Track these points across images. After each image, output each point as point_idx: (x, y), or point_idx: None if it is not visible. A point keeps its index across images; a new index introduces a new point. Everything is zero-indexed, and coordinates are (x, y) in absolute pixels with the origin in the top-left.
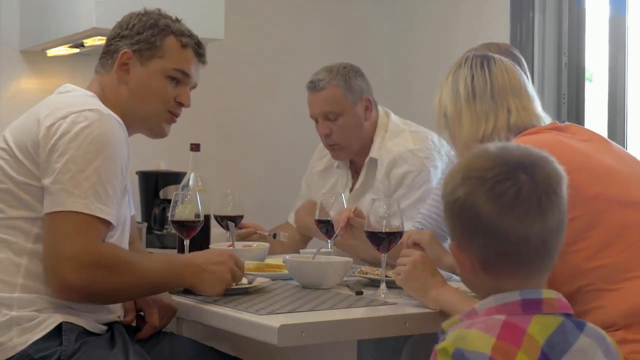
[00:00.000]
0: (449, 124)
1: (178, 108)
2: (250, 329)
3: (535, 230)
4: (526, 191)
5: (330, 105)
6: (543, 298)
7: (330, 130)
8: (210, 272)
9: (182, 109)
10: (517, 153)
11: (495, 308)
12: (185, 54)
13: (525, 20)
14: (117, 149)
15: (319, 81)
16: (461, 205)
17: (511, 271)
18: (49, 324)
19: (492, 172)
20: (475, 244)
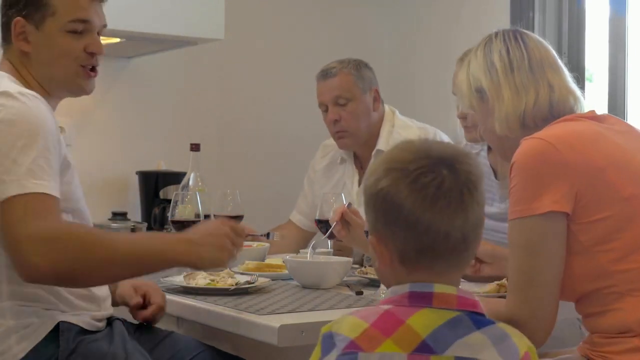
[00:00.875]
0: (484, 98)
1: (91, 58)
2: (250, 329)
3: (457, 224)
4: (448, 185)
5: (342, 90)
6: (434, 292)
7: (340, 116)
8: (206, 245)
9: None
10: (439, 148)
11: (387, 300)
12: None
13: (525, 20)
14: (39, 125)
15: (331, 69)
16: (384, 196)
17: (427, 265)
18: (46, 327)
19: (414, 165)
20: (395, 237)
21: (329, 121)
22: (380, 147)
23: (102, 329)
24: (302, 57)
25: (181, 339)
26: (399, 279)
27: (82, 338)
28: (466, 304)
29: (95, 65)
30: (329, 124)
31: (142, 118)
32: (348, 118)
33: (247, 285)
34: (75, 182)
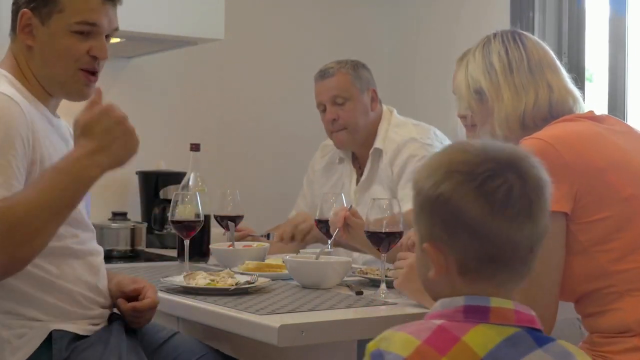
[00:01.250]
0: (483, 99)
1: (93, 62)
2: (250, 329)
3: (526, 233)
4: (517, 191)
5: (340, 90)
6: (491, 307)
7: (338, 115)
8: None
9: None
10: (504, 150)
11: (438, 313)
12: (86, 1)
13: (525, 20)
14: (10, 128)
15: (329, 69)
16: (446, 201)
17: (488, 276)
18: (40, 337)
19: (481, 168)
20: (456, 245)
21: (326, 121)
22: (377, 146)
23: (99, 331)
24: (302, 57)
25: (184, 341)
26: (454, 290)
27: (75, 345)
28: (524, 319)
29: (96, 70)
30: (326, 123)
31: (142, 118)
32: (346, 117)
33: (247, 285)
34: None
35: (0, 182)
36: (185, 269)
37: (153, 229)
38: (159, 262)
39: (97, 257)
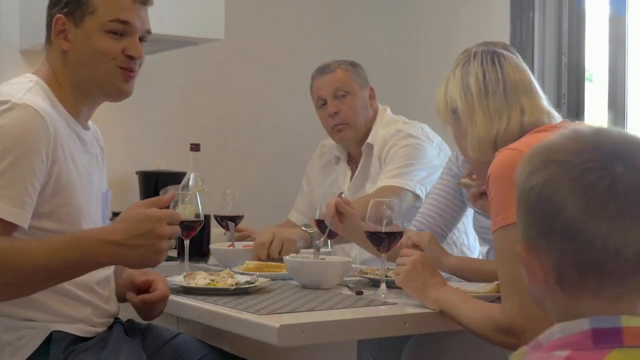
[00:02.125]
0: (458, 119)
1: (130, 62)
2: (250, 329)
3: (631, 238)
4: (623, 186)
5: (341, 83)
6: (623, 327)
7: (339, 108)
8: (133, 247)
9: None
10: (616, 138)
11: (559, 341)
12: (119, 1)
13: (525, 20)
14: (27, 144)
15: (329, 65)
16: (538, 195)
17: (594, 289)
18: (39, 339)
19: (581, 157)
20: (550, 248)
21: (327, 115)
22: (369, 141)
23: (100, 333)
24: (302, 57)
25: (186, 341)
26: (563, 307)
27: (73, 348)
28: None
29: (134, 69)
30: (326, 118)
31: (142, 118)
32: (347, 110)
33: (247, 285)
34: (75, 203)
35: (12, 197)
36: (185, 269)
37: None
38: None
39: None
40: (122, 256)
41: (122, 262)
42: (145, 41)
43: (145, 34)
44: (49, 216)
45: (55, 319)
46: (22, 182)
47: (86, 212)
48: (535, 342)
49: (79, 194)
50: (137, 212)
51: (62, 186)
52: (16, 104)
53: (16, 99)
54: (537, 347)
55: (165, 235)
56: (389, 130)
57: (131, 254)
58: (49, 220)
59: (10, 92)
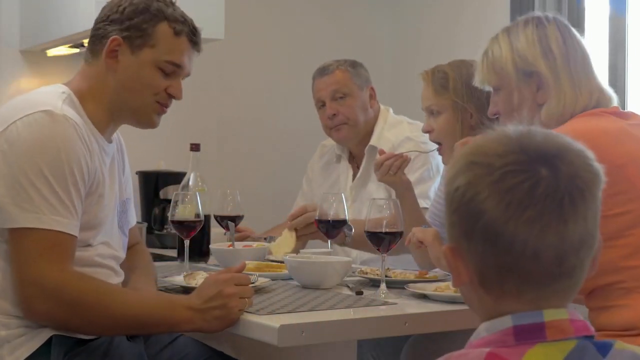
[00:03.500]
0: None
1: (168, 99)
2: (250, 329)
3: (549, 241)
4: (544, 189)
5: (339, 85)
6: (545, 322)
7: (338, 110)
8: (211, 309)
9: (176, 102)
10: (541, 140)
11: (484, 340)
12: (178, 43)
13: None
14: (70, 155)
15: (328, 66)
16: (461, 197)
17: (514, 292)
18: (40, 339)
19: (503, 160)
20: (472, 250)
21: (326, 116)
22: (372, 143)
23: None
24: (302, 57)
25: (188, 343)
26: (487, 308)
27: (74, 352)
28: (581, 328)
29: (168, 106)
30: (326, 120)
31: None
32: (346, 112)
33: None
34: (93, 212)
35: (73, 213)
36: (185, 269)
37: (153, 229)
38: (159, 262)
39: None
40: (200, 321)
41: (200, 326)
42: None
43: (185, 76)
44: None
45: None
46: (78, 195)
47: (103, 221)
48: (468, 343)
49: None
50: (208, 278)
51: (89, 196)
52: (58, 114)
53: (57, 110)
54: (468, 347)
55: (234, 294)
56: (397, 136)
57: (207, 317)
58: None
59: (48, 102)
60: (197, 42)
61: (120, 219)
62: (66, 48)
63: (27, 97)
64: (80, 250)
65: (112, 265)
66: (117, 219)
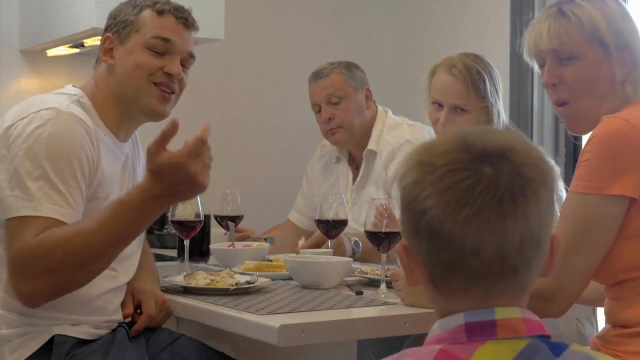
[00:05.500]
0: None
1: (167, 79)
2: (250, 329)
3: (487, 239)
4: (484, 187)
5: (334, 89)
6: (497, 319)
7: (333, 114)
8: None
9: (182, 92)
10: (492, 138)
11: (436, 337)
12: (162, 21)
13: (526, 20)
14: (72, 148)
15: (322, 70)
16: (408, 195)
17: (460, 289)
18: (42, 339)
19: (446, 159)
20: (419, 248)
21: (322, 121)
22: (371, 147)
23: (104, 336)
24: (302, 57)
25: (188, 344)
26: (440, 306)
27: (75, 352)
28: (534, 328)
29: (172, 90)
30: (322, 123)
31: None
32: (341, 116)
33: (247, 285)
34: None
35: (71, 203)
36: (185, 269)
37: (153, 229)
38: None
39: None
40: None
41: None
42: (186, 67)
43: (187, 57)
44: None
45: (58, 322)
46: (78, 188)
47: None
48: (425, 341)
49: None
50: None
51: (95, 194)
52: (63, 112)
53: (63, 108)
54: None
55: (197, 172)
56: (396, 139)
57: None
58: None
59: (56, 101)
60: (185, 18)
61: None
62: (66, 48)
63: (38, 97)
64: None
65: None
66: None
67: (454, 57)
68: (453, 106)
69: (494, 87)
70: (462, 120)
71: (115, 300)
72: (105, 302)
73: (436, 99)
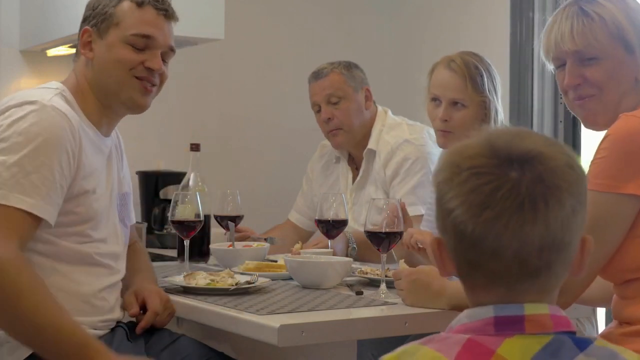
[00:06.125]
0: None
1: (148, 73)
2: (250, 329)
3: (506, 243)
4: (505, 192)
5: (334, 89)
6: (525, 315)
7: (333, 114)
8: None
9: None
10: (521, 143)
11: (464, 326)
12: (142, 14)
13: (526, 20)
14: (51, 140)
15: (322, 70)
16: (437, 193)
17: (484, 286)
18: None
19: (472, 162)
20: (448, 244)
21: (322, 121)
22: (370, 147)
23: (102, 336)
24: (302, 57)
25: (188, 344)
26: (468, 296)
27: None
28: (561, 324)
29: (153, 83)
30: (322, 123)
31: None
32: (341, 116)
33: (247, 285)
34: (89, 204)
35: (44, 195)
36: (185, 269)
37: (153, 229)
38: (159, 262)
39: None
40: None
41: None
42: (166, 61)
43: (168, 50)
44: (67, 214)
45: None
46: (53, 180)
47: (101, 213)
48: (448, 327)
49: (96, 197)
50: None
51: (82, 188)
52: (45, 105)
53: (45, 101)
54: (448, 331)
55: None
56: (396, 140)
57: None
58: (66, 217)
59: (39, 94)
60: (165, 9)
61: (121, 211)
62: (66, 48)
63: (21, 92)
64: (80, 244)
65: (109, 263)
66: (117, 211)
67: (453, 54)
68: (451, 101)
69: (492, 83)
70: (460, 116)
71: (111, 298)
72: (102, 301)
73: (435, 95)
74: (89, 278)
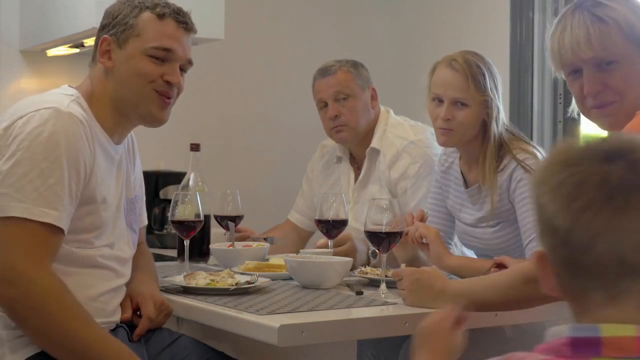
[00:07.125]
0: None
1: (167, 87)
2: (250, 329)
3: (600, 238)
4: (594, 183)
5: (342, 86)
6: (602, 337)
7: (340, 112)
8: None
9: (176, 102)
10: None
11: (547, 345)
12: (163, 26)
13: (526, 20)
14: (70, 151)
15: (330, 67)
16: (532, 196)
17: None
18: None
19: (562, 156)
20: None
21: (328, 117)
22: (374, 146)
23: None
24: (302, 57)
25: (188, 344)
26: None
27: None
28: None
29: (170, 96)
30: (327, 120)
31: None
32: (348, 114)
33: (247, 285)
34: (98, 211)
35: (62, 205)
36: (185, 269)
37: (153, 229)
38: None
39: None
40: None
41: None
42: (185, 71)
43: (186, 63)
44: (72, 221)
45: None
46: (70, 192)
47: (107, 222)
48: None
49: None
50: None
51: (92, 197)
52: (63, 112)
53: (63, 107)
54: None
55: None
56: (402, 141)
57: None
58: (72, 224)
59: (56, 100)
60: (185, 22)
61: (128, 217)
62: (66, 48)
63: (35, 97)
64: (83, 249)
65: (115, 267)
66: (124, 217)
67: (454, 54)
68: (453, 100)
69: (494, 82)
70: (462, 115)
71: (114, 301)
72: (103, 304)
73: (436, 94)
74: (93, 280)
